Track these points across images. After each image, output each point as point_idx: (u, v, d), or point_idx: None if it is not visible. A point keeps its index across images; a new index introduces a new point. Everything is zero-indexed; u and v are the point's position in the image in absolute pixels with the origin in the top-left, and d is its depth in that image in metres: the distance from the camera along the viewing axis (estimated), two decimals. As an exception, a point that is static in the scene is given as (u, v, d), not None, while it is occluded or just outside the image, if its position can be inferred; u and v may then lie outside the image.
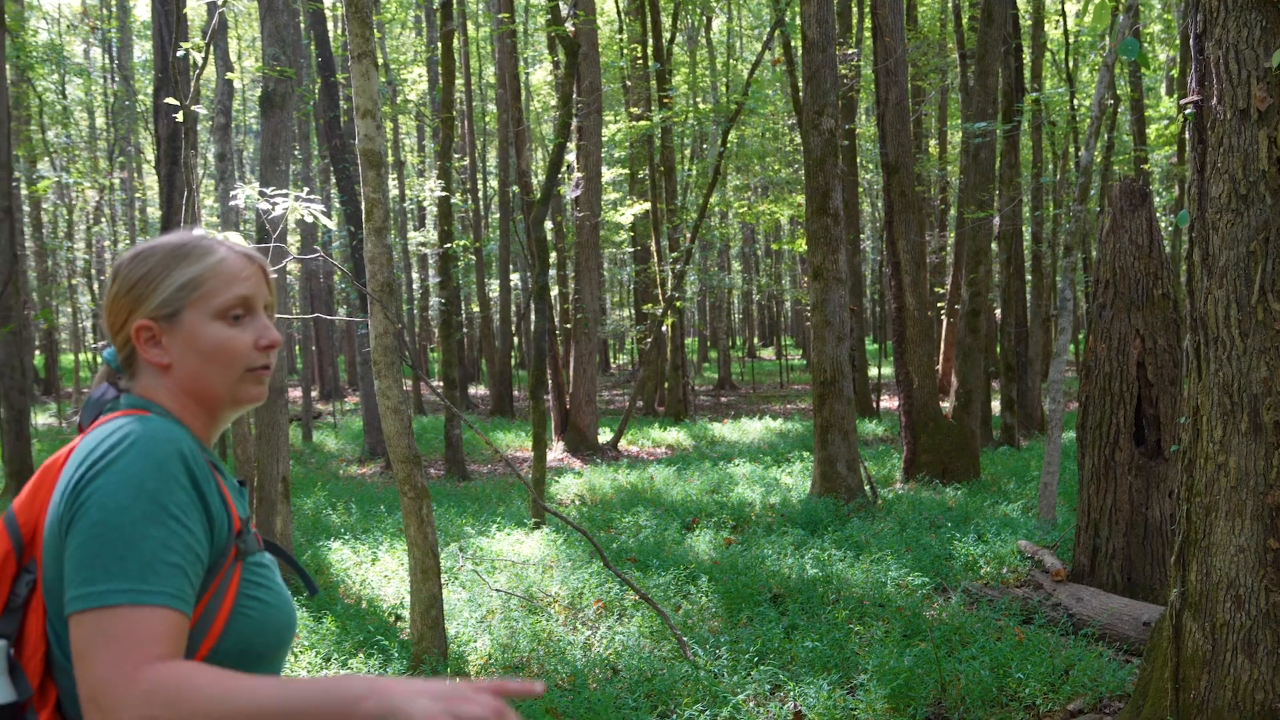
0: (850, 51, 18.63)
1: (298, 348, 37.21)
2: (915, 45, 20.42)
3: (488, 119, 34.63)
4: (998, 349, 17.72)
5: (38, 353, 38.77)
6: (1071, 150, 22.12)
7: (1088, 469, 7.28)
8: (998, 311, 17.67)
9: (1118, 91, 21.62)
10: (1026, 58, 18.25)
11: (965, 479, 12.47)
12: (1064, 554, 8.15)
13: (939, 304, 23.08)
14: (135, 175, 35.51)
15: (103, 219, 38.20)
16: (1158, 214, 7.16)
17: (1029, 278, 20.75)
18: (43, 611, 1.66)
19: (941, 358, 22.28)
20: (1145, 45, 23.35)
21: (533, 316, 15.03)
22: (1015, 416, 16.50)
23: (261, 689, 1.51)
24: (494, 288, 33.24)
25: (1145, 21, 23.26)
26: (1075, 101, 21.11)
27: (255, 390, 1.90)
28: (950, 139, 29.20)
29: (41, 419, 29.83)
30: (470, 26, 28.10)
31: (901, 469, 13.15)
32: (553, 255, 21.31)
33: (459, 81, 25.89)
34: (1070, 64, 21.05)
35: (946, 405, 16.21)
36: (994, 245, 16.33)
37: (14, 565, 1.69)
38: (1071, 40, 22.06)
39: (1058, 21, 22.81)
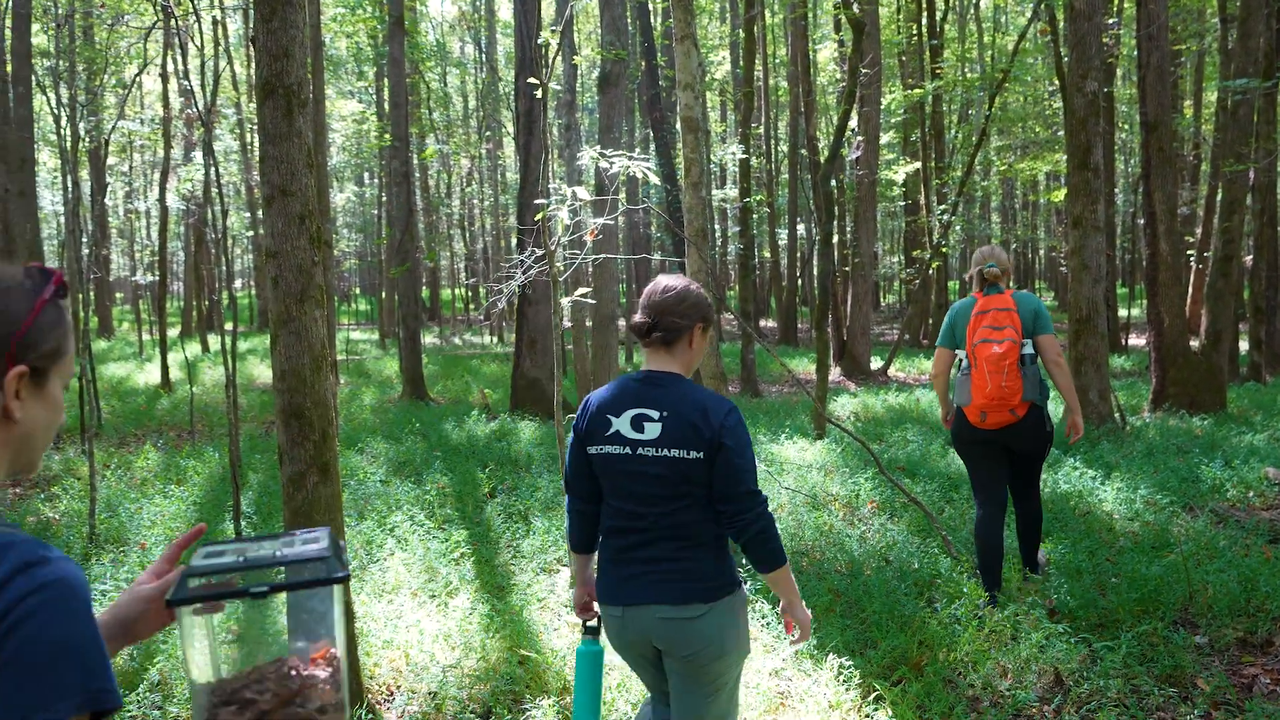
0: (1110, 20, 17.12)
1: (622, 285, 38.26)
2: (1174, 13, 18.52)
3: (780, 92, 34.16)
4: (1245, 293, 16.05)
5: (424, 287, 41.61)
6: (1331, 106, 19.53)
7: (1342, 404, 6.49)
8: (1248, 259, 15.97)
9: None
10: (1288, 19, 16.17)
11: (1211, 410, 11.40)
12: (1312, 482, 7.35)
13: (1189, 251, 21.08)
14: (498, 146, 37.24)
15: (473, 181, 40.34)
16: None
17: (1281, 227, 18.55)
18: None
19: (1190, 300, 20.40)
20: None
21: (816, 260, 14.76)
22: (1263, 355, 14.95)
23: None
24: (783, 236, 33.05)
25: None
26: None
27: None
28: (1205, 99, 26.46)
29: (427, 339, 32.09)
30: (767, 13, 27.66)
31: (1149, 400, 12.17)
32: (835, 208, 20.86)
33: (756, 60, 25.59)
34: (1333, 24, 18.49)
35: (1194, 344, 14.83)
36: (1248, 196, 14.70)
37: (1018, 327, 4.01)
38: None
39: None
